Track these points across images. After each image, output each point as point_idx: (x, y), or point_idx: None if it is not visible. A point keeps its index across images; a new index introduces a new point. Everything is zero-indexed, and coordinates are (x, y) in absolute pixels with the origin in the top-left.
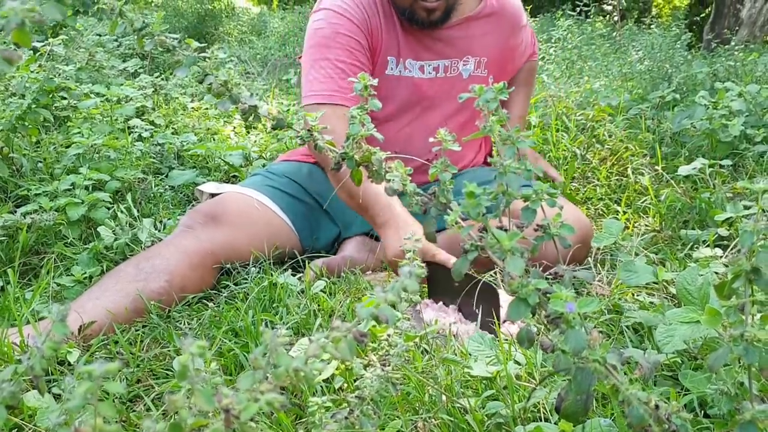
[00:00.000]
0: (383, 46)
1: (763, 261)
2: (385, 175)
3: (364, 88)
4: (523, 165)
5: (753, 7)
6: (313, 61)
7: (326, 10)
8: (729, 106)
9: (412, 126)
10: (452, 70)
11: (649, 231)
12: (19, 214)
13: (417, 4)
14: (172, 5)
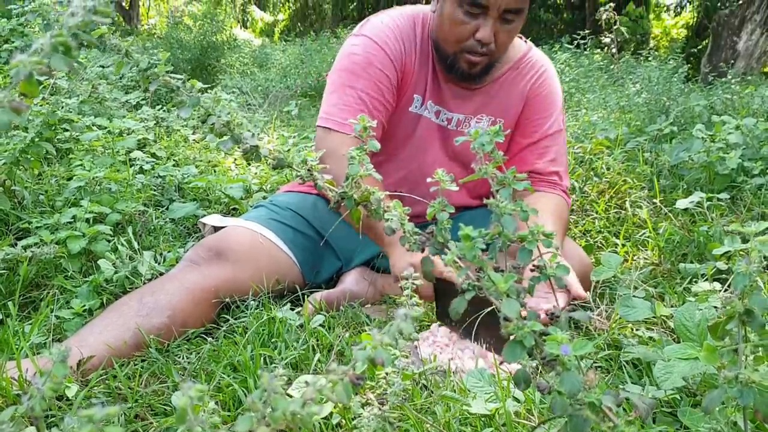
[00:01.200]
0: (412, 83)
1: (756, 303)
2: (384, 215)
3: (363, 129)
4: (519, 206)
5: (749, 39)
6: (340, 85)
7: (366, 37)
8: (726, 139)
9: (423, 167)
10: (464, 125)
11: (648, 264)
12: (19, 247)
13: (462, 56)
14: (175, 37)
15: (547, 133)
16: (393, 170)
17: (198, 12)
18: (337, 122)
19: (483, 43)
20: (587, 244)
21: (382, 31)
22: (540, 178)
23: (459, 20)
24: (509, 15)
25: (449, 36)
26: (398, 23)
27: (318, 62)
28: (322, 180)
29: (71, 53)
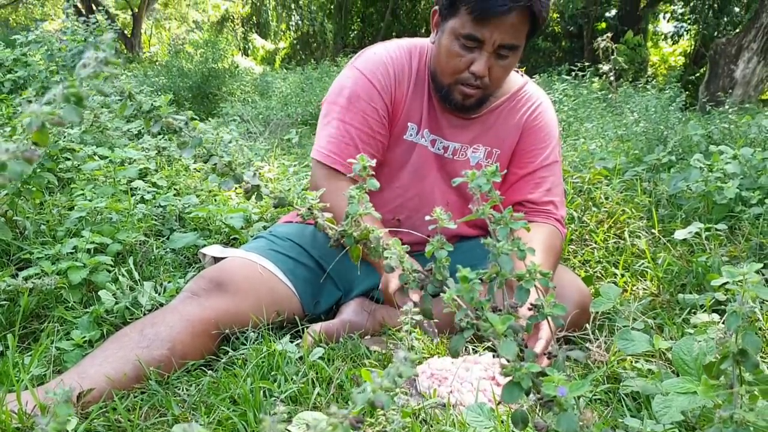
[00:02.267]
0: (405, 112)
1: (750, 343)
2: (383, 252)
3: (362, 168)
4: (516, 245)
5: (746, 67)
6: (331, 117)
7: (357, 70)
8: (723, 168)
9: (422, 194)
10: (461, 153)
11: (647, 295)
12: (20, 278)
13: (456, 87)
14: (176, 65)
15: (543, 164)
16: (390, 198)
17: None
18: (325, 155)
19: (477, 76)
20: (587, 274)
21: (372, 63)
22: (535, 208)
23: (455, 53)
24: (504, 51)
25: (445, 67)
26: (391, 55)
27: (319, 90)
28: (323, 218)
29: (82, 103)
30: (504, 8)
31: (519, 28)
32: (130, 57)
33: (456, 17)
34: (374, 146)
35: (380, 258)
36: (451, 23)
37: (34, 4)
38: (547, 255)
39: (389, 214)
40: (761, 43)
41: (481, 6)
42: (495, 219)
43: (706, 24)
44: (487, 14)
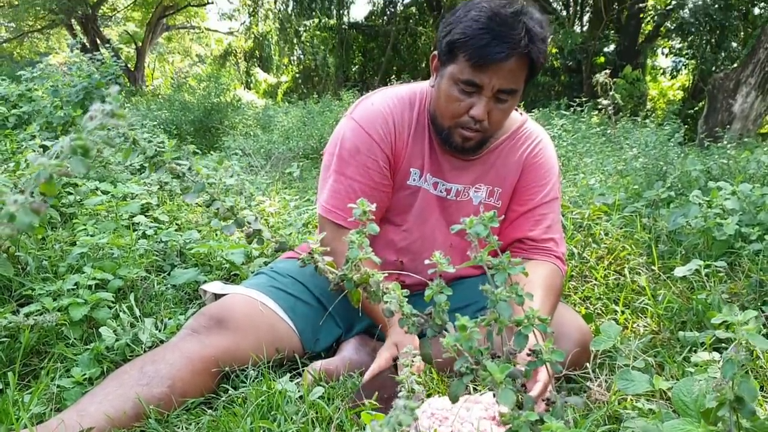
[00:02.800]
0: (407, 158)
1: (746, 391)
2: (383, 297)
3: (362, 213)
4: (514, 291)
5: (745, 102)
6: (332, 170)
7: (354, 122)
8: (722, 205)
9: (425, 236)
10: (463, 194)
11: (648, 332)
12: (21, 315)
13: (456, 130)
14: (179, 99)
15: (542, 201)
16: (395, 240)
17: (203, 73)
18: (331, 211)
19: (476, 120)
20: (587, 312)
21: (371, 115)
22: (535, 246)
23: (454, 97)
24: (503, 95)
25: (445, 111)
26: (389, 104)
27: (320, 124)
28: (323, 262)
29: (89, 155)
30: (502, 55)
31: (517, 73)
32: (133, 90)
33: (455, 63)
34: (378, 197)
35: (380, 302)
36: (450, 69)
37: (38, 38)
38: (547, 294)
39: (393, 256)
40: (759, 77)
41: (479, 53)
42: (493, 264)
43: (704, 59)
44: (485, 61)
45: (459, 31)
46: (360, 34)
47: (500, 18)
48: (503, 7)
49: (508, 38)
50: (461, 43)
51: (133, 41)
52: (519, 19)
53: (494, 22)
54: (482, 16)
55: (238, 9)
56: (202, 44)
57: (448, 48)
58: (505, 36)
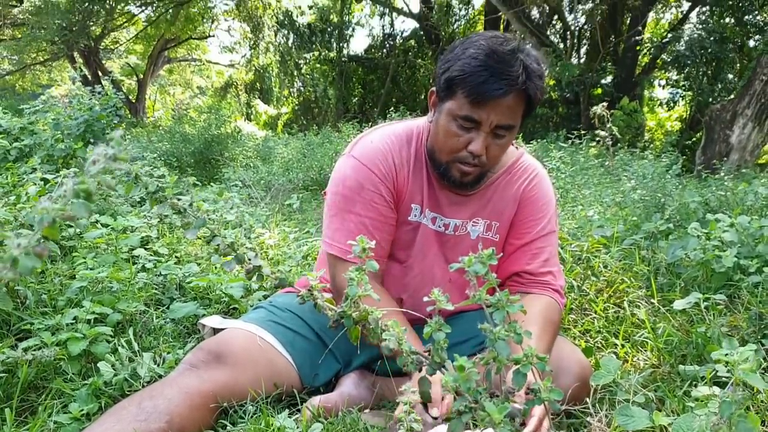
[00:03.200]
0: (408, 194)
1: (743, 431)
2: (381, 334)
3: (362, 250)
4: (513, 329)
5: (742, 133)
6: (338, 209)
7: (355, 159)
8: (721, 237)
9: (424, 272)
10: (461, 229)
11: (648, 366)
12: (20, 350)
13: (454, 165)
14: (180, 131)
15: (540, 235)
16: (394, 277)
17: (203, 105)
18: (344, 250)
19: (475, 155)
20: (587, 346)
21: (371, 152)
22: (533, 279)
23: (452, 132)
24: (500, 130)
25: (443, 147)
26: (388, 142)
27: (320, 156)
28: (322, 299)
29: (92, 199)
30: (500, 92)
31: (515, 109)
32: (134, 122)
33: (453, 99)
34: (387, 230)
35: (379, 340)
36: (449, 105)
37: (41, 71)
38: (544, 328)
39: (394, 293)
40: (755, 109)
41: (477, 90)
42: (491, 303)
43: (700, 90)
44: (484, 97)
45: (457, 68)
46: (360, 67)
47: (498, 55)
48: (500, 45)
49: (506, 75)
50: (460, 80)
51: (134, 73)
52: (516, 57)
53: (492, 60)
54: (480, 54)
55: (239, 42)
56: (203, 76)
57: (446, 84)
58: (503, 73)
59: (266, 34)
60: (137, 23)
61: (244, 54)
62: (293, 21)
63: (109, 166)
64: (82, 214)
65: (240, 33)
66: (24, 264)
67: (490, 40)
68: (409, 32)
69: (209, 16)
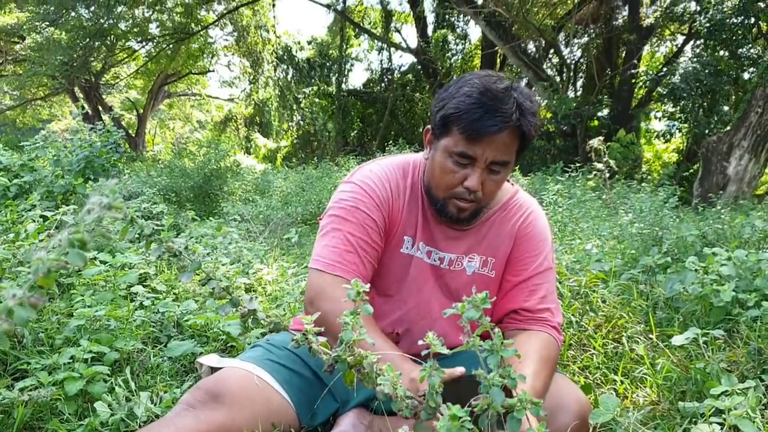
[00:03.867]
0: (401, 225)
1: None
2: (377, 378)
3: (356, 294)
4: (507, 373)
5: (738, 164)
6: (330, 228)
7: (354, 184)
8: (719, 271)
9: (420, 305)
10: (457, 264)
11: (647, 403)
12: (16, 390)
13: (451, 201)
14: (179, 165)
15: (536, 271)
16: (389, 311)
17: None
18: (326, 263)
19: (471, 190)
20: (585, 383)
21: (369, 179)
22: (531, 317)
23: (449, 169)
24: (496, 166)
25: (439, 182)
26: (386, 171)
27: (319, 189)
28: (317, 343)
29: (87, 248)
30: (495, 128)
31: (509, 146)
32: (133, 156)
33: (449, 136)
34: (373, 255)
35: (374, 384)
36: (444, 141)
37: (41, 106)
38: (542, 367)
39: (389, 327)
40: (751, 141)
41: (473, 126)
42: (485, 348)
43: (696, 122)
44: (479, 134)
45: (453, 105)
46: (358, 101)
47: (492, 93)
48: (494, 83)
49: (500, 112)
50: (455, 117)
51: (134, 108)
52: (510, 94)
53: (486, 97)
54: (474, 92)
55: (238, 76)
56: (203, 110)
57: (442, 122)
58: (497, 110)
59: (266, 68)
60: (138, 58)
61: (243, 88)
62: (292, 56)
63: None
64: (77, 264)
65: (240, 68)
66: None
67: (484, 78)
68: (406, 66)
69: (209, 52)
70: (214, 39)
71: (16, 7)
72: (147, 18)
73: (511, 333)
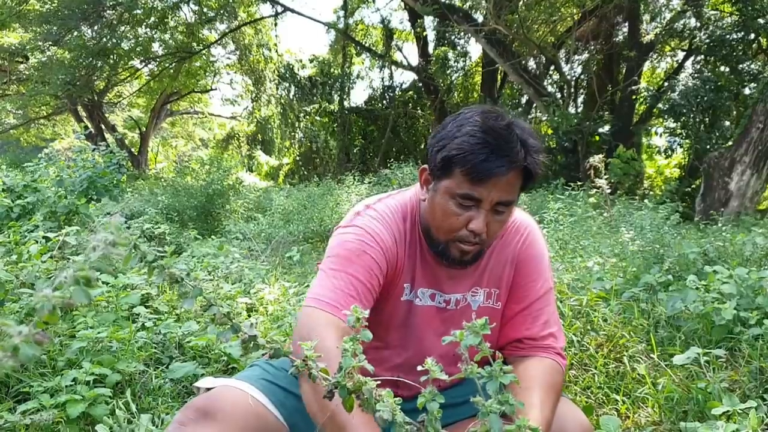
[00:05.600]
0: (403, 273)
1: None
2: (375, 405)
3: (356, 320)
4: (507, 398)
5: (740, 180)
6: (332, 270)
7: (358, 227)
8: (720, 289)
9: (422, 351)
10: (463, 302)
11: (649, 423)
12: (18, 414)
13: (454, 244)
14: (182, 183)
15: (537, 296)
16: (389, 357)
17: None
18: (325, 302)
19: (476, 233)
20: (587, 404)
21: (372, 223)
22: (534, 344)
23: (451, 211)
24: (501, 207)
25: (441, 226)
26: (386, 217)
27: (321, 207)
28: (317, 370)
29: (92, 285)
30: (502, 169)
31: (514, 185)
32: (136, 174)
33: (451, 178)
34: (371, 301)
35: (373, 411)
36: (446, 183)
37: (45, 125)
38: (548, 394)
39: (387, 374)
40: (753, 156)
41: (479, 168)
42: (483, 375)
43: (697, 138)
44: (486, 175)
45: (455, 146)
46: (360, 118)
47: (496, 132)
48: (495, 120)
49: (506, 152)
50: (459, 159)
51: (137, 126)
52: (512, 132)
53: (491, 137)
54: (477, 131)
55: (240, 95)
56: (205, 128)
57: (443, 163)
58: (503, 150)
59: (268, 86)
60: (140, 77)
61: (245, 106)
62: (294, 74)
63: (109, 252)
64: (82, 301)
65: (242, 86)
66: (24, 352)
67: (483, 115)
68: (408, 84)
69: (212, 70)
70: (217, 57)
71: (20, 26)
72: (150, 37)
73: (516, 360)
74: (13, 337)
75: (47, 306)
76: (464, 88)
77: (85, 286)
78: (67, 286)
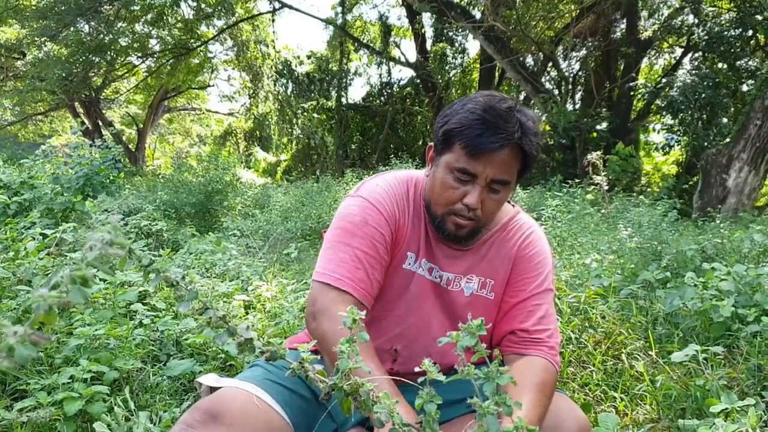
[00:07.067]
0: (406, 241)
1: None
2: (373, 406)
3: (352, 321)
4: (504, 399)
5: (738, 177)
6: (337, 242)
7: (362, 198)
8: (718, 286)
9: (420, 322)
10: (455, 284)
11: (647, 421)
12: (15, 411)
13: (450, 217)
14: (181, 179)
15: (535, 292)
16: (388, 327)
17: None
18: (334, 278)
19: (470, 208)
20: (585, 401)
21: (377, 193)
22: (528, 338)
23: (449, 185)
24: (496, 185)
25: (439, 198)
26: (392, 185)
27: (319, 204)
28: (314, 372)
29: (89, 284)
30: (496, 145)
31: (510, 164)
32: (133, 171)
33: (451, 152)
34: (380, 272)
35: (370, 412)
36: (446, 157)
37: (42, 121)
38: (542, 394)
39: (387, 343)
40: (750, 153)
41: (474, 142)
42: (479, 377)
43: (695, 135)
44: (480, 150)
45: (456, 121)
46: (358, 114)
47: (495, 111)
48: (498, 102)
49: (502, 130)
50: (457, 132)
51: (134, 123)
52: (512, 114)
53: (489, 114)
54: (478, 109)
55: (238, 91)
56: (203, 125)
57: (444, 137)
58: (499, 127)
59: (265, 83)
60: (138, 74)
61: (243, 103)
62: (292, 70)
63: (105, 251)
64: (79, 301)
65: (240, 82)
66: (20, 353)
67: (488, 97)
68: (406, 80)
69: (209, 67)
70: (214, 54)
71: (16, 22)
72: (147, 33)
73: (509, 358)
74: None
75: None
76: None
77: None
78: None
